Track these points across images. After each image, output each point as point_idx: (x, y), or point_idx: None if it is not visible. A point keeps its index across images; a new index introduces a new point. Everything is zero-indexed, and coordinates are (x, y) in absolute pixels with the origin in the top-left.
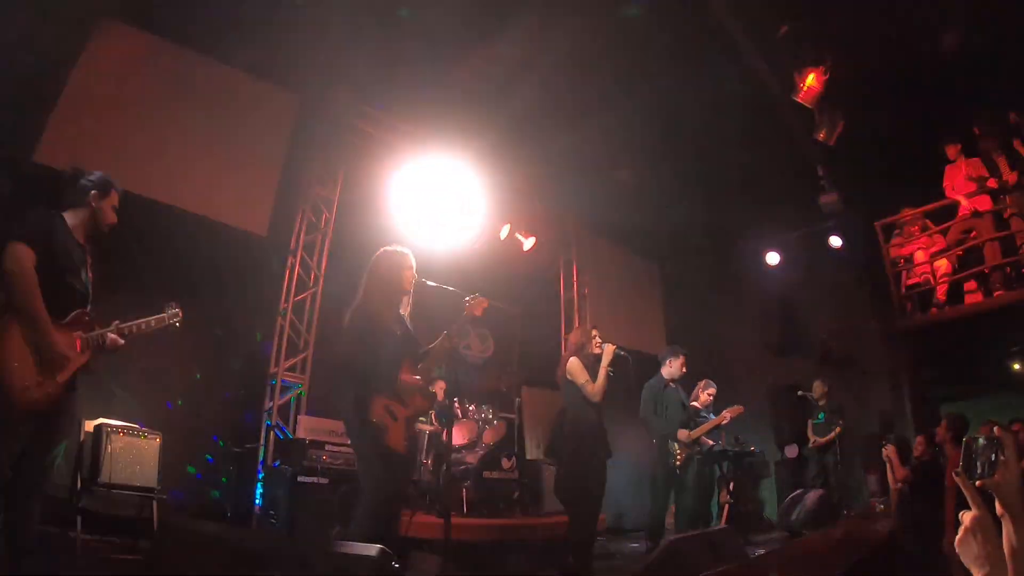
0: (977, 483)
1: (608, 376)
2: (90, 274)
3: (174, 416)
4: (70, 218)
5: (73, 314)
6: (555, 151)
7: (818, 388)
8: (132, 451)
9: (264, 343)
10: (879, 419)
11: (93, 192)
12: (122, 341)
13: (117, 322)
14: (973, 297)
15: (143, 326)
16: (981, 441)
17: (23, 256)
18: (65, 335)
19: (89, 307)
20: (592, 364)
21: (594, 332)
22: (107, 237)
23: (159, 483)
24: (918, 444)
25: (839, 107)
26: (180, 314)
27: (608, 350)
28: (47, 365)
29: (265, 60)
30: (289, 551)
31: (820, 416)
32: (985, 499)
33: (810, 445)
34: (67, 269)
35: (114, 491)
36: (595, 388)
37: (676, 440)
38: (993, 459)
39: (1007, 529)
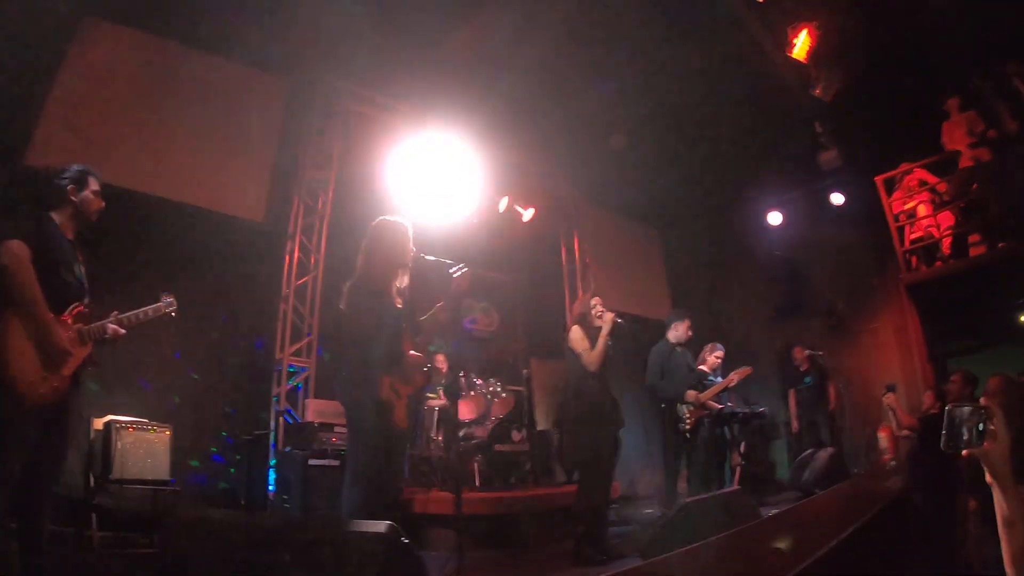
0: (964, 452)
1: (608, 346)
2: (83, 268)
3: (182, 408)
4: (57, 217)
5: (71, 308)
6: (551, 121)
7: (799, 354)
8: (143, 445)
9: (268, 328)
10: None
11: (70, 187)
12: (123, 331)
13: (116, 312)
14: (978, 250)
15: (141, 316)
16: (966, 409)
17: (19, 252)
18: (64, 328)
19: (86, 300)
20: (595, 334)
21: (594, 301)
22: (97, 225)
23: (171, 475)
24: (926, 399)
25: (834, 62)
26: (175, 303)
27: (607, 319)
28: (50, 359)
29: (251, 47)
30: (299, 532)
31: (807, 380)
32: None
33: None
34: (60, 264)
35: (127, 486)
36: (591, 357)
37: (685, 404)
38: (981, 428)
39: (997, 498)
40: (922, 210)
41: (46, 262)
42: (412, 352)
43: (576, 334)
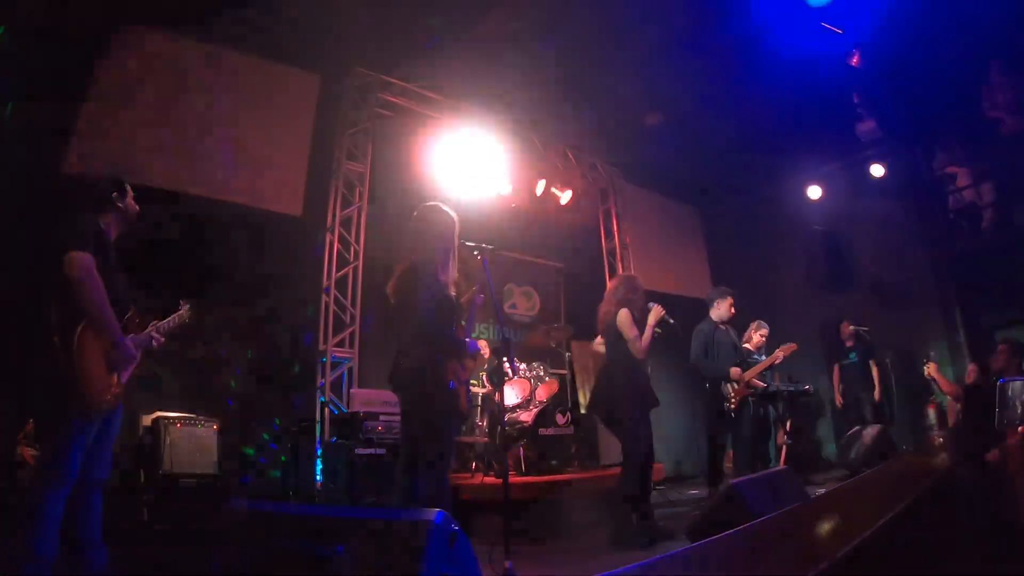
0: (1020, 428)
1: (656, 333)
2: (123, 275)
3: (230, 401)
4: (103, 224)
5: (127, 316)
6: (585, 102)
7: (845, 329)
8: (191, 440)
9: (311, 320)
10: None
11: (115, 193)
12: (163, 339)
13: (156, 322)
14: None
15: (171, 323)
16: (1019, 384)
17: (89, 264)
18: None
19: (132, 308)
20: (641, 318)
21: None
22: (137, 229)
23: (219, 468)
24: (970, 372)
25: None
26: (189, 308)
27: (655, 312)
28: (113, 367)
29: (281, 43)
30: (349, 522)
31: (851, 356)
32: None
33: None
34: (112, 272)
35: (177, 480)
36: (641, 345)
37: (729, 383)
38: None
39: None
40: (963, 179)
41: (105, 272)
42: (468, 338)
43: (626, 318)
